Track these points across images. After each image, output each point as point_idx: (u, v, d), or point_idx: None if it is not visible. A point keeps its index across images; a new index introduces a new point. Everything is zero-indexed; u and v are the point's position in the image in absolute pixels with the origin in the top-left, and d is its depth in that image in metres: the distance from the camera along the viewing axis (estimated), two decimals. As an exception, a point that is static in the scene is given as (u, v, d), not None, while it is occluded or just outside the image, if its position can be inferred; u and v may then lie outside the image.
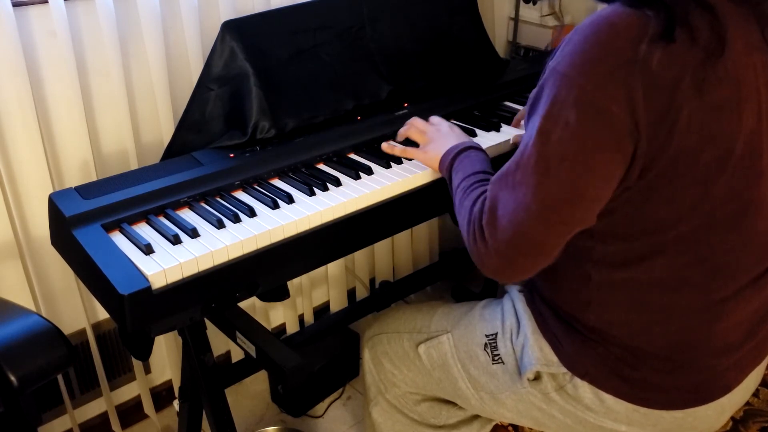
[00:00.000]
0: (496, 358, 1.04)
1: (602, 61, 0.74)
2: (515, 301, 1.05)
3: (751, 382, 1.00)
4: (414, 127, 1.19)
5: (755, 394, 1.13)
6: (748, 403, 1.12)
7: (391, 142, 1.21)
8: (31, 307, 1.42)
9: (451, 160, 1.04)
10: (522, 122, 1.33)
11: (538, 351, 0.98)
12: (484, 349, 1.05)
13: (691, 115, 0.75)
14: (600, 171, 0.78)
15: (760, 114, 0.79)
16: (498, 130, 1.30)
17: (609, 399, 0.94)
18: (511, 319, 1.04)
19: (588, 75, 0.75)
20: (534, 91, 0.83)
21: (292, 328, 1.88)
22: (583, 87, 0.75)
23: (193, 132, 1.25)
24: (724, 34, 0.75)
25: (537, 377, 0.99)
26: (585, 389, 0.95)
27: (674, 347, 0.90)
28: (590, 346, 0.93)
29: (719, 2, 0.76)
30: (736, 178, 0.80)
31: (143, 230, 1.01)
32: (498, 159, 1.25)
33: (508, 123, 1.33)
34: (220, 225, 1.01)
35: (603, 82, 0.74)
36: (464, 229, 0.91)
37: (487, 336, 1.06)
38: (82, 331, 1.52)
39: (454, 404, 1.17)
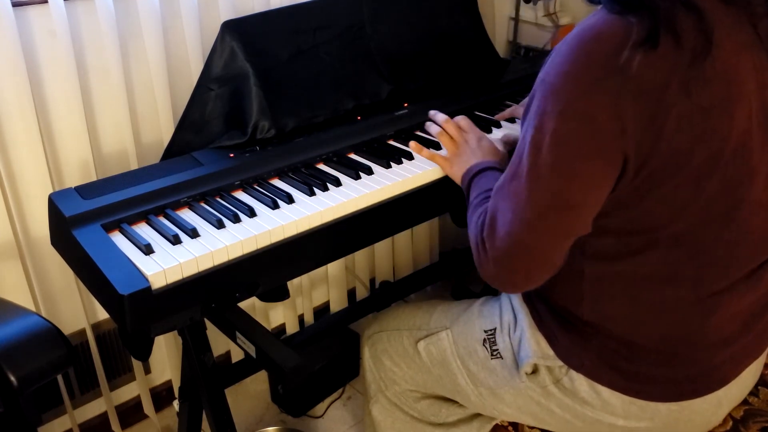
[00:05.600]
0: (494, 353, 1.05)
1: (587, 71, 0.75)
2: (512, 297, 1.07)
3: (749, 377, 1.01)
4: (446, 134, 1.19)
5: (755, 394, 1.13)
6: (748, 403, 1.12)
7: (419, 144, 1.22)
8: (31, 307, 1.42)
9: (470, 178, 1.06)
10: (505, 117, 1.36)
11: (534, 344, 0.99)
12: (483, 345, 1.06)
13: (680, 116, 0.75)
14: (584, 178, 0.79)
15: (750, 112, 0.79)
16: (499, 128, 1.30)
17: (605, 392, 0.95)
18: (508, 314, 1.05)
19: (574, 84, 0.76)
20: (527, 99, 0.84)
21: (292, 328, 1.88)
22: (568, 96, 0.76)
23: (193, 132, 1.25)
24: (710, 34, 0.75)
25: (534, 370, 1.00)
26: (581, 382, 0.96)
27: (668, 340, 0.92)
28: (585, 339, 0.95)
29: (707, 3, 0.76)
30: (728, 177, 0.81)
31: (143, 230, 1.01)
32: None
33: (510, 123, 1.33)
34: (220, 225, 1.01)
35: (588, 90, 0.75)
36: (471, 242, 0.93)
37: (485, 331, 1.07)
38: (82, 331, 1.52)
39: (454, 402, 1.18)
